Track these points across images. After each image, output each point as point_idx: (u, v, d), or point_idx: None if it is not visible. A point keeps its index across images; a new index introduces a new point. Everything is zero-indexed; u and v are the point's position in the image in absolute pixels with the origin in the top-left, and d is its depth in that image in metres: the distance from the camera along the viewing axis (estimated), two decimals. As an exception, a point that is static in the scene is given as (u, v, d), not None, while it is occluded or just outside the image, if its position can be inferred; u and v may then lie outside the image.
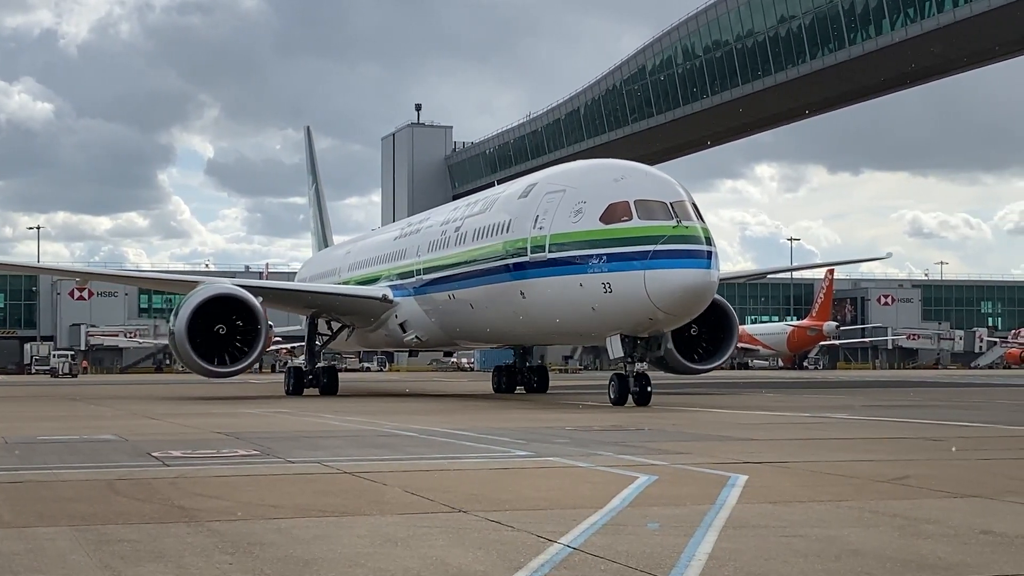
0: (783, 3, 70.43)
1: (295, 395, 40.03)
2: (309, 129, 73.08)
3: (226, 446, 15.95)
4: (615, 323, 28.19)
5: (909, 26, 62.93)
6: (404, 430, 19.50)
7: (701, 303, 27.93)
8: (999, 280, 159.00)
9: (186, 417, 24.57)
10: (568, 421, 22.03)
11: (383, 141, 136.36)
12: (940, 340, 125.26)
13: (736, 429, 19.52)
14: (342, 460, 13.70)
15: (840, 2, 66.46)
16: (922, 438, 17.32)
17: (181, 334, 34.90)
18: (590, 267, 28.09)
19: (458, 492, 10.58)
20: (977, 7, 58.79)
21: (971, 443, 16.58)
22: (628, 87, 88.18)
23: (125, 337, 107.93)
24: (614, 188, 28.93)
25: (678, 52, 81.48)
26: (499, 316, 33.94)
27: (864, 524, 8.64)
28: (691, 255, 27.10)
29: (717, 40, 77.01)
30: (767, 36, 72.28)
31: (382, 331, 42.22)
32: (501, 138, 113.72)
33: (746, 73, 74.58)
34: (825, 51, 68.60)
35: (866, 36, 65.69)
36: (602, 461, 13.40)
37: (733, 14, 74.67)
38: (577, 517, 8.83)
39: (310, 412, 26.76)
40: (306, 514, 9.24)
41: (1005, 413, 25.90)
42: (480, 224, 35.04)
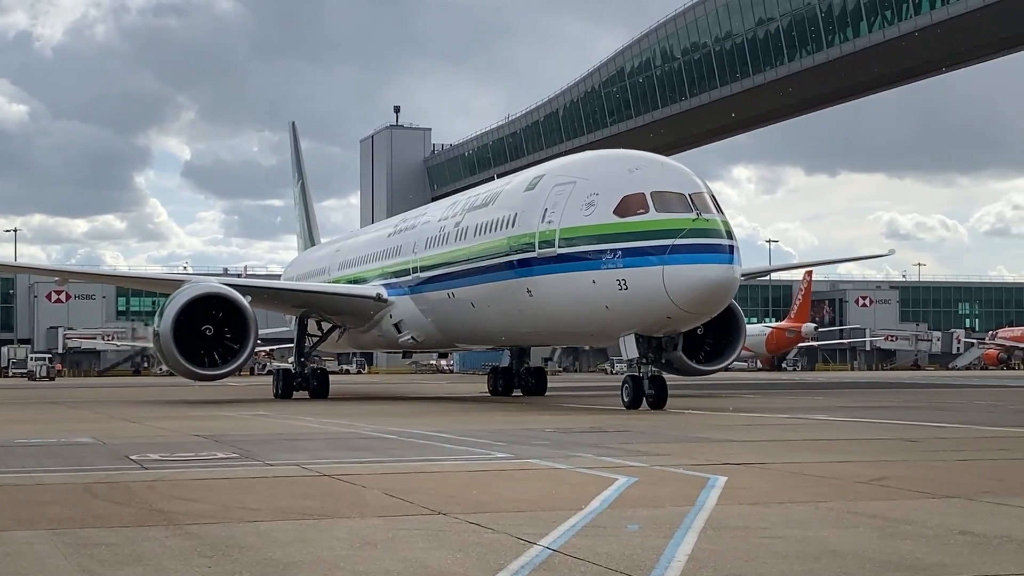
0: (761, 5, 70.67)
1: (284, 398, 38.72)
2: (294, 125, 71.86)
3: (205, 449, 15.89)
4: (630, 322, 26.77)
5: (886, 28, 63.22)
6: (384, 432, 19.47)
7: (723, 300, 26.74)
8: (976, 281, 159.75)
9: (165, 420, 24.48)
10: (548, 423, 22.02)
11: (362, 143, 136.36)
12: (918, 341, 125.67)
13: (715, 430, 19.55)
14: (321, 463, 13.67)
15: (818, 4, 66.70)
16: (900, 439, 17.37)
17: (167, 335, 33.66)
18: (604, 263, 26.68)
19: (437, 494, 10.57)
20: (954, 9, 59.08)
21: (949, 444, 16.64)
22: (607, 89, 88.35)
23: (103, 340, 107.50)
24: (628, 179, 27.52)
25: (657, 54, 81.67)
26: (502, 315, 32.55)
27: (843, 525, 8.65)
28: (713, 249, 25.72)
29: (695, 42, 77.22)
30: (745, 38, 72.51)
31: (375, 332, 40.83)
32: (480, 140, 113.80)
33: (724, 75, 74.81)
34: (803, 53, 68.86)
35: (843, 38, 65.97)
36: (582, 463, 13.40)
37: (711, 16, 74.88)
38: (557, 519, 8.83)
39: (289, 415, 26.69)
40: (285, 517, 9.21)
41: (983, 414, 25.99)
42: (482, 219, 33.48)
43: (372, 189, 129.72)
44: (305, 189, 69.33)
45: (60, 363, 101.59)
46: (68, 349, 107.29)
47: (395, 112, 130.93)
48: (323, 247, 59.26)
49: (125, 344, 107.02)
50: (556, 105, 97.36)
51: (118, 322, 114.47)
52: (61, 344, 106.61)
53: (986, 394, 40.04)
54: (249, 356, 35.56)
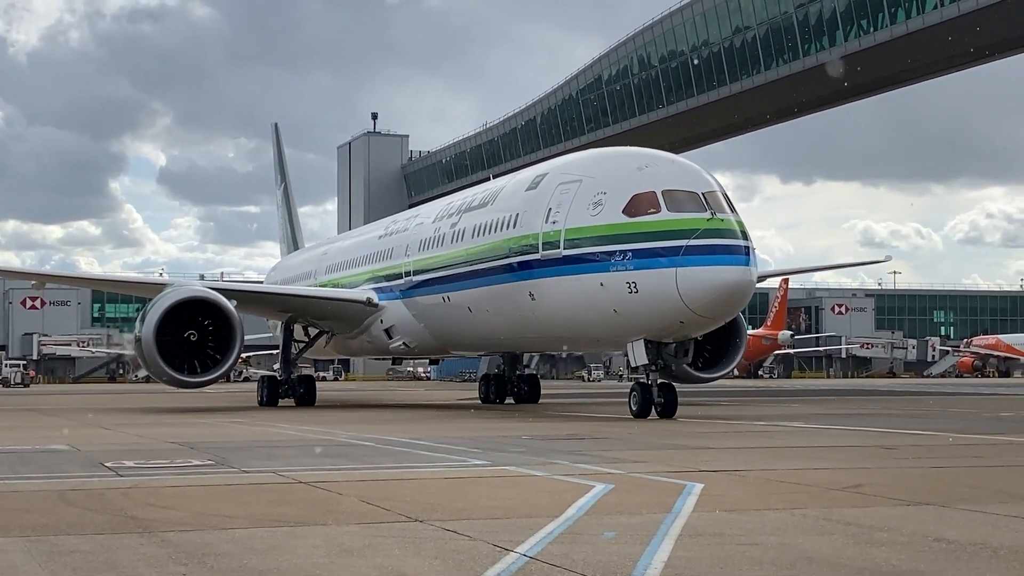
0: (738, 14, 70.85)
1: (269, 406, 37.50)
2: (277, 127, 69.89)
3: (180, 456, 15.83)
4: (640, 327, 25.61)
5: (862, 37, 63.46)
6: (360, 439, 19.43)
7: (739, 304, 25.68)
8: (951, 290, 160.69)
9: (140, 427, 24.38)
10: (525, 430, 22.01)
11: (339, 150, 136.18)
12: (893, 349, 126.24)
13: (692, 438, 19.57)
14: (297, 470, 13.63)
15: (795, 13, 66.92)
16: (876, 446, 17.42)
17: (149, 340, 32.46)
18: (612, 264, 25.45)
19: (414, 501, 10.55)
20: (929, 19, 59.38)
21: (924, 451, 16.70)
22: (584, 96, 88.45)
23: (78, 346, 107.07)
24: (638, 177, 26.31)
25: (634, 62, 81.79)
26: (502, 320, 31.26)
27: (819, 532, 8.67)
28: (728, 251, 24.58)
29: (672, 50, 77.35)
30: (722, 47, 72.67)
31: (364, 337, 39.60)
32: (457, 147, 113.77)
33: (701, 83, 74.95)
34: (779, 62, 69.06)
35: (820, 47, 66.20)
36: (558, 470, 13.40)
37: (688, 24, 75.03)
38: (533, 526, 8.82)
39: (265, 422, 26.61)
40: (261, 524, 9.18)
41: (958, 422, 26.11)
42: (481, 220, 32.20)
43: (349, 196, 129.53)
44: (288, 192, 67.60)
45: (35, 369, 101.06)
46: (43, 355, 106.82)
47: (372, 119, 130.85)
48: (308, 251, 58.05)
49: (100, 351, 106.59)
50: (534, 112, 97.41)
51: (93, 328, 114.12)
52: (36, 350, 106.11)
53: (961, 402, 40.21)
54: (235, 362, 34.61)
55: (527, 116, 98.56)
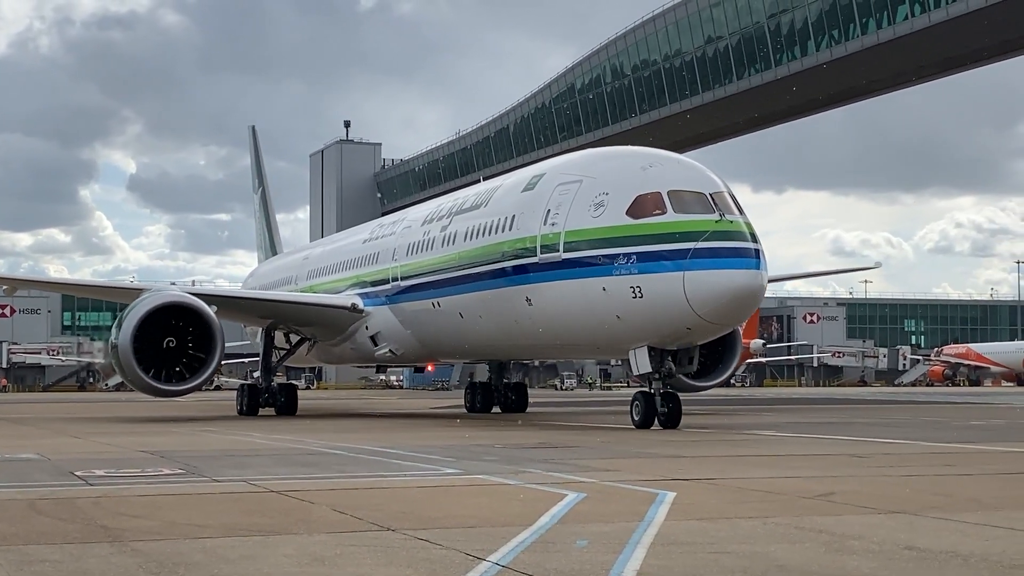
0: (710, 24, 71.20)
1: (249, 415, 36.54)
2: (254, 130, 68.11)
3: (151, 465, 15.75)
4: (644, 333, 24.58)
5: (833, 47, 63.88)
6: (332, 448, 19.38)
7: (749, 310, 24.90)
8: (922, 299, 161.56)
9: (111, 436, 24.24)
10: (499, 439, 22.00)
11: (311, 158, 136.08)
12: (864, 358, 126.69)
13: (664, 446, 19.59)
14: (269, 479, 13.58)
15: (766, 24, 67.29)
16: (847, 455, 17.48)
17: (126, 348, 31.36)
18: (616, 268, 24.38)
19: (386, 510, 10.53)
20: (900, 29, 59.81)
21: (895, 460, 16.76)
22: (557, 105, 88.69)
23: (48, 355, 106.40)
24: (642, 177, 25.25)
25: (607, 71, 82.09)
26: (496, 326, 30.06)
27: (790, 540, 8.70)
28: (738, 253, 23.56)
29: (645, 59, 77.66)
30: (695, 56, 73.01)
31: (348, 344, 38.34)
32: (430, 155, 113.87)
33: (674, 92, 75.27)
34: (752, 71, 69.42)
35: (791, 57, 66.58)
36: (531, 478, 13.40)
37: (661, 34, 75.33)
38: (506, 535, 8.82)
39: (237, 431, 26.51)
40: (232, 533, 9.14)
41: (928, 430, 26.22)
42: (474, 222, 31.02)
43: (322, 204, 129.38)
44: (266, 197, 66.00)
45: (4, 378, 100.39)
46: (12, 364, 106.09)
47: (345, 127, 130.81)
48: (288, 256, 56.83)
49: (71, 359, 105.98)
50: (507, 121, 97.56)
51: (63, 337, 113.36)
52: (5, 359, 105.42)
53: (932, 410, 40.40)
54: (215, 370, 33.57)
55: (500, 124, 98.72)
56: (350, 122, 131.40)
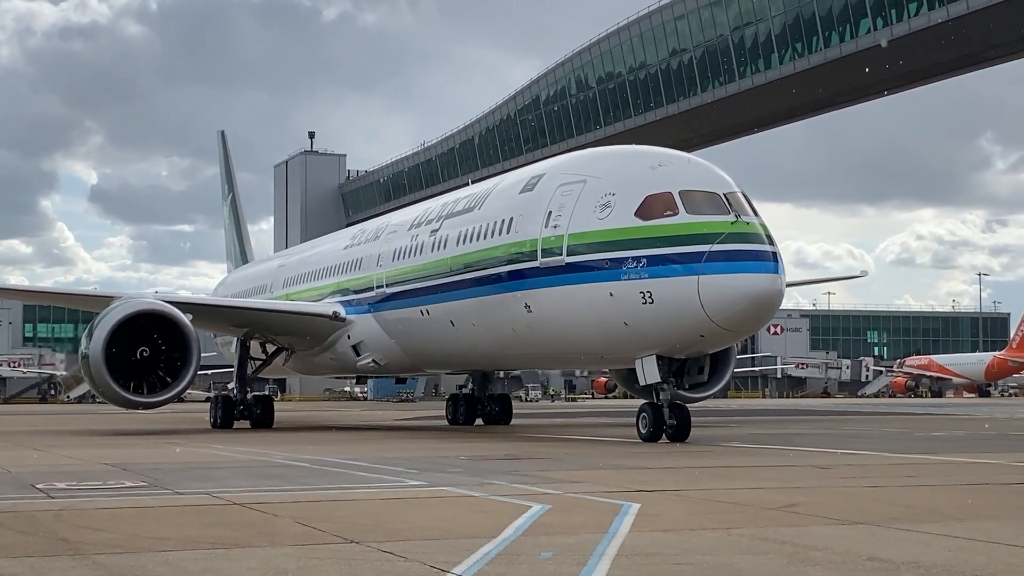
0: (675, 36, 71.56)
1: (223, 428, 35.45)
2: (223, 135, 65.91)
3: (113, 477, 15.62)
4: (653, 341, 23.33)
5: (797, 61, 64.30)
6: (296, 460, 19.29)
7: (767, 316, 23.48)
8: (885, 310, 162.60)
9: (72, 448, 24.05)
10: (463, 450, 21.96)
11: (276, 169, 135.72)
12: (828, 369, 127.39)
13: (629, 457, 19.60)
14: (232, 491, 13.50)
15: (730, 36, 67.67)
16: (811, 466, 17.54)
17: (97, 358, 30.13)
18: (624, 272, 23.08)
19: (350, 522, 10.48)
20: (862, 43, 60.26)
21: (858, 471, 16.83)
22: (522, 117, 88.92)
23: (8, 367, 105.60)
24: (651, 177, 23.94)
25: (571, 83, 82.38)
26: (490, 335, 28.71)
27: (754, 551, 8.71)
28: (756, 257, 22.35)
29: (610, 72, 77.99)
30: (659, 68, 73.37)
31: (328, 355, 36.96)
32: (395, 167, 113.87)
33: (639, 104, 75.58)
34: (715, 84, 69.81)
35: (755, 70, 66.98)
36: (496, 490, 13.37)
37: (626, 46, 75.68)
38: (470, 547, 8.79)
39: (200, 443, 26.36)
40: (195, 546, 9.08)
41: (891, 441, 26.35)
42: (467, 226, 29.68)
43: (286, 215, 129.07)
44: (237, 204, 63.87)
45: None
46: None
47: (310, 137, 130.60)
48: (262, 263, 55.25)
49: (31, 371, 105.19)
50: (472, 132, 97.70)
51: (25, 348, 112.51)
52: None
53: (894, 422, 40.61)
54: (191, 381, 32.05)
55: (465, 136, 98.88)
56: (315, 133, 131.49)
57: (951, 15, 55.99)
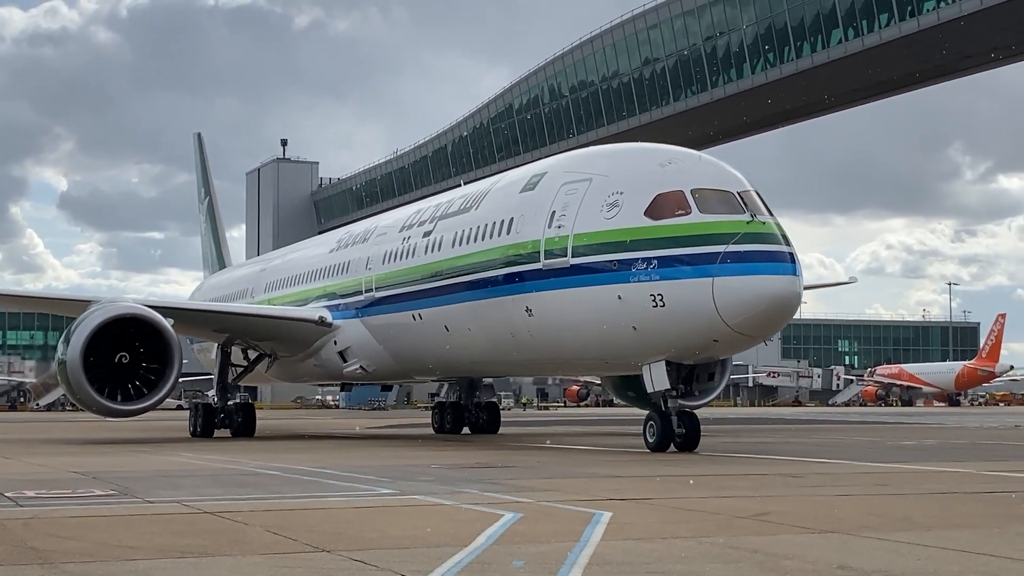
0: (647, 46, 71.77)
1: (204, 437, 34.38)
2: (200, 137, 64.89)
3: (82, 486, 15.53)
4: (664, 346, 22.35)
5: (769, 70, 64.60)
6: (266, 469, 19.22)
7: (785, 319, 22.53)
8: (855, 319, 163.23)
9: (42, 456, 23.91)
10: (435, 458, 21.93)
11: (248, 176, 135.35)
12: (799, 378, 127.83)
13: (601, 466, 19.61)
14: (203, 499, 13.43)
15: (703, 46, 67.93)
16: (782, 474, 17.58)
17: (75, 364, 29.01)
18: (633, 274, 22.08)
19: (321, 531, 10.45)
20: (834, 53, 60.58)
21: (829, 479, 16.88)
22: (496, 125, 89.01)
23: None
24: (661, 175, 23.00)
25: (544, 91, 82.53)
26: (487, 340, 27.73)
27: (725, 560, 8.72)
28: (773, 258, 21.50)
29: (583, 80, 78.18)
30: (632, 77, 73.55)
31: (313, 361, 35.79)
32: (368, 174, 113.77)
33: (611, 113, 75.76)
34: (688, 93, 70.03)
35: (728, 80, 67.24)
36: (468, 499, 13.35)
37: (599, 55, 75.88)
38: (442, 555, 8.78)
39: (170, 451, 26.24)
40: (165, 555, 9.03)
41: (861, 450, 26.45)
42: (462, 227, 28.71)
43: (258, 222, 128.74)
44: (214, 207, 62.45)
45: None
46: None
47: (282, 145, 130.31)
48: (241, 268, 54.12)
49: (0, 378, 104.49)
50: (444, 140, 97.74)
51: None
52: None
53: (865, 430, 40.76)
54: (172, 388, 30.89)
55: (438, 143, 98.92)
56: (287, 140, 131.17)
57: (921, 26, 56.39)
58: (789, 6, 62.39)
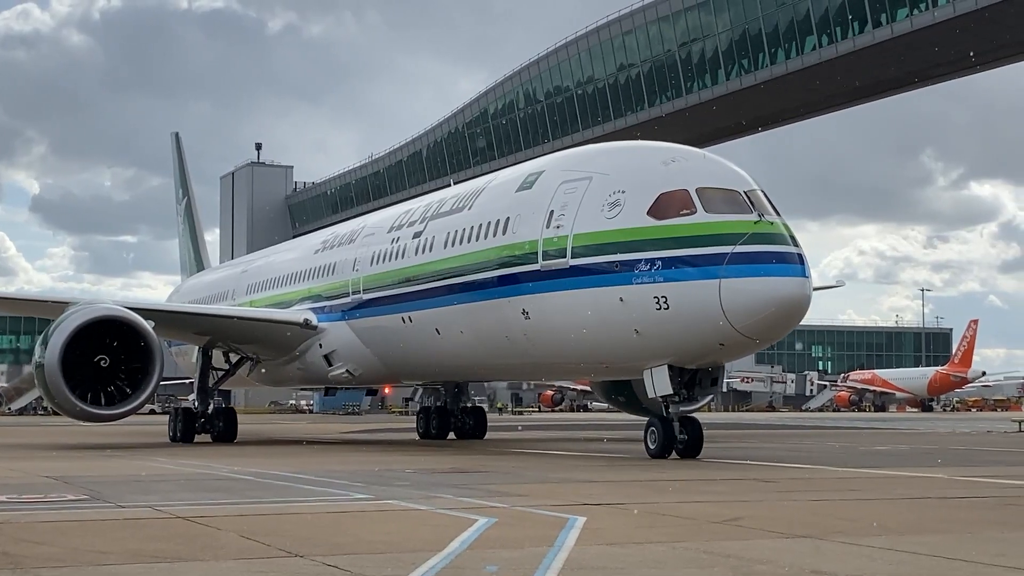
0: (623, 51, 71.93)
1: (184, 442, 33.85)
2: (178, 136, 63.53)
3: (54, 490, 15.44)
4: (667, 350, 21.80)
5: (743, 76, 64.82)
6: (240, 474, 19.16)
7: (793, 323, 21.64)
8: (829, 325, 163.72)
9: (14, 460, 23.75)
10: (410, 463, 21.89)
11: (222, 180, 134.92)
12: (773, 383, 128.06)
13: (575, 471, 19.62)
14: (175, 504, 13.38)
15: (678, 52, 68.08)
16: (756, 479, 17.62)
17: (53, 367, 28.38)
18: (636, 276, 21.51)
19: (295, 536, 10.42)
20: (808, 59, 60.83)
21: (802, 484, 16.94)
22: (470, 130, 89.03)
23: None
24: (664, 173, 22.43)
25: (520, 96, 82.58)
26: (480, 343, 27.08)
27: (699, 564, 8.74)
28: (782, 259, 20.91)
29: (559, 86, 78.26)
30: (607, 83, 73.67)
31: (296, 364, 35.03)
32: (342, 179, 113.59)
33: (587, 118, 75.85)
34: (663, 99, 70.19)
35: (702, 85, 67.45)
36: (442, 503, 13.34)
37: (574, 60, 76.00)
38: (416, 560, 8.76)
39: (143, 456, 26.12)
40: (137, 560, 8.99)
41: (835, 455, 26.53)
42: (455, 227, 28.03)
43: (232, 226, 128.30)
44: (192, 208, 61.20)
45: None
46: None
47: (257, 149, 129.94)
48: (221, 269, 53.20)
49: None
50: (419, 145, 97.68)
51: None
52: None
53: (838, 436, 40.90)
54: (154, 391, 30.25)
55: (413, 148, 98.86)
56: (261, 144, 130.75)
57: (895, 33, 56.67)
58: (764, 13, 62.63)
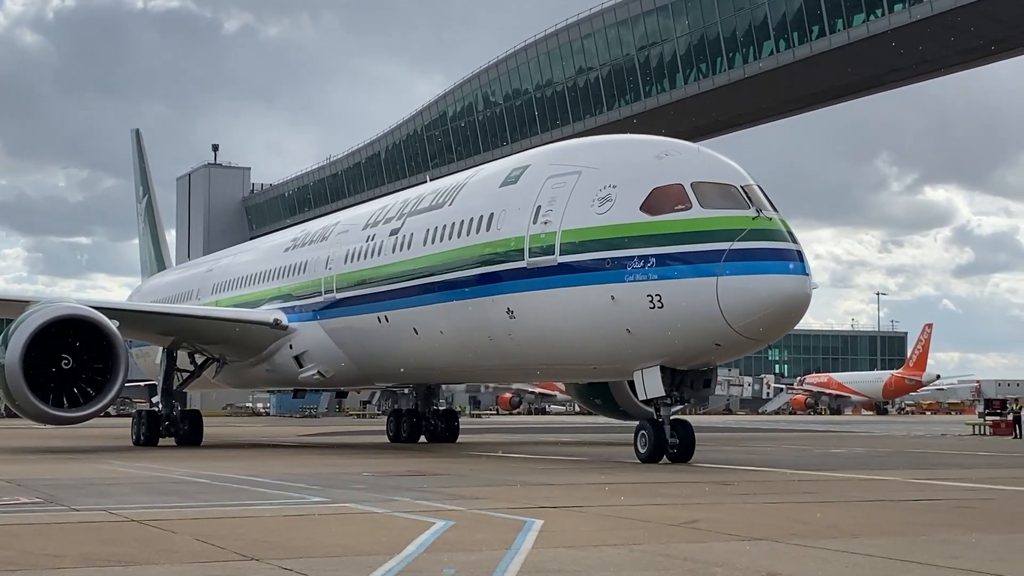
0: (582, 55, 72.04)
1: (147, 446, 32.91)
2: (138, 133, 62.31)
3: (7, 494, 15.31)
4: (660, 350, 21.00)
5: (701, 81, 65.09)
6: (196, 477, 19.04)
7: (792, 322, 20.95)
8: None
9: (-35, 463, 23.53)
10: (368, 466, 21.83)
11: (178, 181, 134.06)
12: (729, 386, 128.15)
13: (533, 474, 19.63)
14: (130, 507, 13.28)
15: (636, 56, 68.25)
16: (713, 482, 17.68)
17: (14, 368, 27.53)
18: (628, 273, 20.74)
19: (250, 539, 10.36)
20: (765, 64, 61.15)
21: (759, 487, 17.01)
22: (429, 132, 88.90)
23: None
24: (658, 167, 21.64)
25: (479, 99, 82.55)
26: (461, 344, 26.21)
27: (656, 567, 8.75)
28: (781, 256, 20.25)
29: (517, 88, 78.29)
30: (566, 86, 73.77)
31: (265, 366, 34.07)
32: (300, 181, 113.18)
33: (545, 122, 75.91)
34: (622, 102, 70.36)
35: (660, 89, 67.65)
36: (399, 507, 13.31)
37: (533, 63, 76.06)
38: (372, 564, 8.74)
39: (98, 459, 25.91)
40: (91, 563, 8.91)
41: (791, 458, 26.67)
42: (435, 223, 27.10)
43: (188, 228, 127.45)
44: (153, 206, 59.62)
45: None
46: None
47: (213, 150, 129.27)
48: (184, 269, 52.06)
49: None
50: (378, 147, 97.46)
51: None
52: None
53: (794, 439, 41.12)
54: (119, 393, 29.16)
55: (371, 151, 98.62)
56: (218, 146, 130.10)
57: (851, 39, 57.02)
58: (722, 17, 62.89)
